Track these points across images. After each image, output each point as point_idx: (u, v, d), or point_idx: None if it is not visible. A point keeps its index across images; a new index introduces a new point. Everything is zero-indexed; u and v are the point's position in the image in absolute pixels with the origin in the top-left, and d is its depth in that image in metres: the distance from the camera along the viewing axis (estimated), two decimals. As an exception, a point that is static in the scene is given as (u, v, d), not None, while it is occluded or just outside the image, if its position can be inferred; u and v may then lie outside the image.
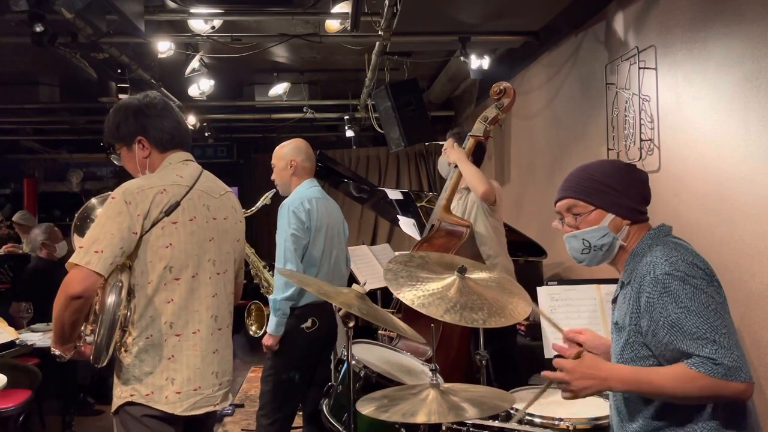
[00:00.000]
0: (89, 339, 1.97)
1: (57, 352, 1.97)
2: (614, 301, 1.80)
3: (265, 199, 3.68)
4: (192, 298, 2.04)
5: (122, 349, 2.00)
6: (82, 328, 1.97)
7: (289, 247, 3.06)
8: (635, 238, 1.73)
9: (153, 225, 1.96)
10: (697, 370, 1.49)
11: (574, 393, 1.64)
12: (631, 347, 1.65)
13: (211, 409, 2.08)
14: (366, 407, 1.97)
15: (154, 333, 1.98)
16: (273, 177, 3.35)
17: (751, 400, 1.61)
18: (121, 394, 2.00)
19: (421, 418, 1.85)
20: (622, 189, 1.73)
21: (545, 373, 1.71)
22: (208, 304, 2.08)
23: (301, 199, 3.16)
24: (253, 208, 3.85)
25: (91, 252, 1.85)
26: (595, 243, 1.77)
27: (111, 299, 1.89)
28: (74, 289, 1.83)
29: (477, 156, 3.50)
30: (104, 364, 1.91)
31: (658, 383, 1.56)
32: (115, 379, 2.03)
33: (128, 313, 1.96)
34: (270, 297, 3.15)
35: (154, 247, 1.97)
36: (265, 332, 3.17)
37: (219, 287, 2.13)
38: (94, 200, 2.21)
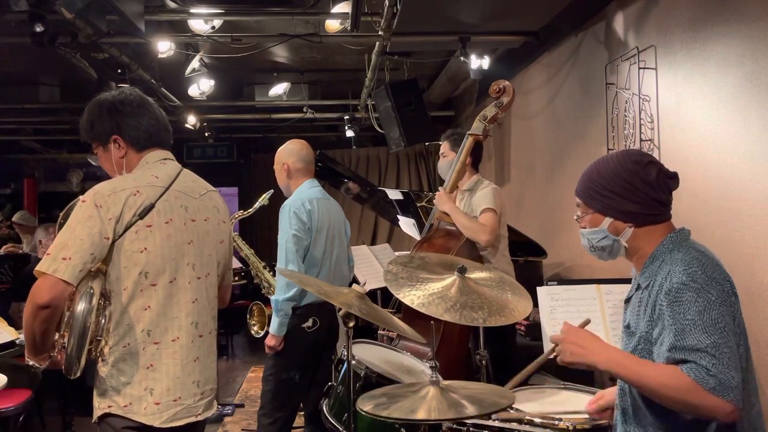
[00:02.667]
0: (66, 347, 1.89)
1: (31, 362, 1.90)
2: (627, 300, 1.78)
3: (262, 199, 3.68)
4: (170, 304, 1.95)
5: (99, 359, 1.91)
6: (57, 336, 1.89)
7: (290, 248, 3.06)
8: (654, 239, 1.69)
9: (126, 229, 1.87)
10: (688, 375, 1.47)
11: (562, 354, 1.66)
12: (640, 353, 1.63)
13: (192, 420, 1.99)
14: (366, 405, 1.97)
15: (131, 341, 1.90)
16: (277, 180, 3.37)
17: (762, 428, 1.60)
18: (99, 405, 1.93)
19: (420, 415, 1.85)
20: (622, 193, 1.68)
21: (552, 335, 1.74)
22: (188, 310, 1.99)
23: (302, 199, 3.16)
24: (251, 209, 3.85)
25: (58, 259, 1.76)
26: (596, 244, 1.77)
27: (81, 307, 1.80)
28: (41, 298, 1.74)
29: (475, 155, 3.50)
30: (78, 374, 1.82)
31: (644, 375, 1.53)
32: (94, 390, 1.95)
33: (103, 321, 1.88)
34: (272, 298, 3.15)
35: (129, 252, 1.88)
36: (267, 332, 3.17)
37: (200, 292, 2.03)
38: (81, 198, 2.15)
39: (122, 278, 1.89)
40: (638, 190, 1.67)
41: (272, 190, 3.55)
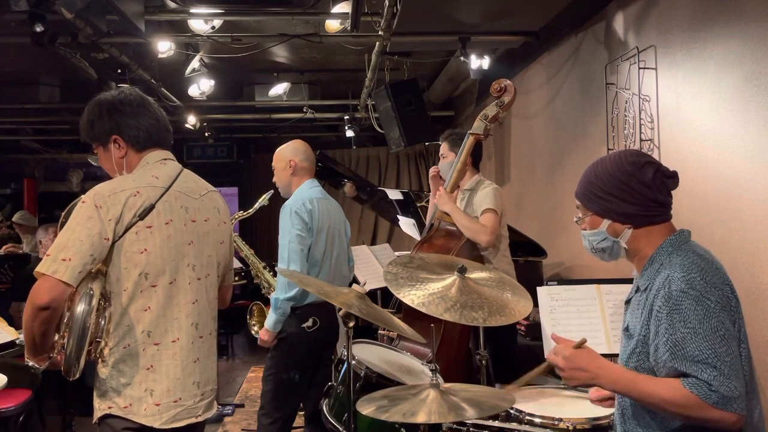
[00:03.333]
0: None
1: (31, 363, 1.90)
2: (628, 302, 1.78)
3: (263, 200, 3.67)
4: (170, 305, 1.95)
5: (99, 360, 1.91)
6: (57, 337, 1.89)
7: (294, 247, 3.06)
8: (654, 241, 1.68)
9: (126, 230, 1.86)
10: (690, 391, 1.47)
11: (566, 380, 1.66)
12: (638, 356, 1.64)
13: (192, 420, 1.99)
14: (366, 407, 1.97)
15: (131, 342, 1.90)
16: (274, 179, 3.37)
17: (762, 427, 1.60)
18: (99, 406, 1.93)
19: (421, 418, 1.85)
20: (619, 195, 1.68)
21: (548, 355, 1.71)
22: (188, 311, 1.98)
23: (303, 199, 3.17)
24: (251, 210, 3.85)
25: (58, 260, 1.76)
26: (596, 246, 1.77)
27: (80, 308, 1.80)
28: (41, 299, 1.74)
29: (475, 155, 3.49)
30: (77, 376, 1.81)
31: (648, 392, 1.54)
32: (95, 391, 1.95)
33: (103, 322, 1.87)
34: (272, 296, 3.15)
35: (129, 253, 1.87)
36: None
37: (200, 293, 2.03)
38: (81, 199, 2.14)
39: (122, 279, 1.88)
40: (635, 191, 1.67)
41: (272, 191, 3.55)
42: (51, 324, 1.81)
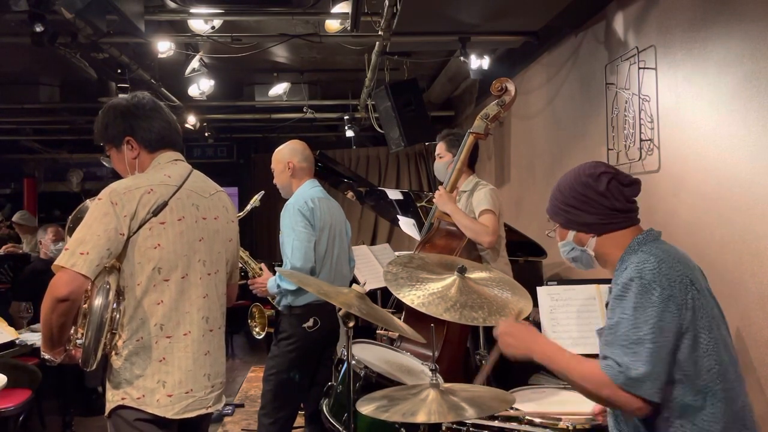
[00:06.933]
0: (80, 342, 1.94)
1: (47, 356, 1.94)
2: (608, 305, 1.81)
3: (254, 201, 3.64)
4: (182, 299, 2.01)
5: (113, 352, 1.97)
6: (72, 331, 1.94)
7: (298, 245, 3.06)
8: (621, 244, 1.73)
9: (140, 226, 1.94)
10: (603, 372, 1.55)
11: (501, 347, 1.76)
12: None
13: (203, 411, 2.06)
14: (366, 407, 1.97)
15: (144, 335, 1.96)
16: (275, 181, 3.36)
17: (751, 419, 1.61)
18: (112, 397, 1.98)
19: (421, 418, 1.86)
20: (578, 206, 1.76)
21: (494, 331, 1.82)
22: (199, 306, 2.06)
23: (305, 198, 3.18)
24: (242, 213, 3.84)
25: (76, 254, 1.83)
26: (567, 256, 1.85)
27: (98, 301, 1.86)
28: (60, 291, 1.80)
29: (473, 155, 3.48)
30: (93, 367, 1.88)
31: (568, 369, 1.62)
32: (108, 383, 2.01)
33: (118, 316, 1.93)
34: (276, 276, 3.16)
35: (142, 248, 1.94)
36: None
37: (210, 288, 2.10)
38: (88, 202, 2.16)
39: (136, 274, 1.95)
40: (593, 200, 1.74)
41: (263, 192, 3.54)
42: (69, 316, 1.87)
